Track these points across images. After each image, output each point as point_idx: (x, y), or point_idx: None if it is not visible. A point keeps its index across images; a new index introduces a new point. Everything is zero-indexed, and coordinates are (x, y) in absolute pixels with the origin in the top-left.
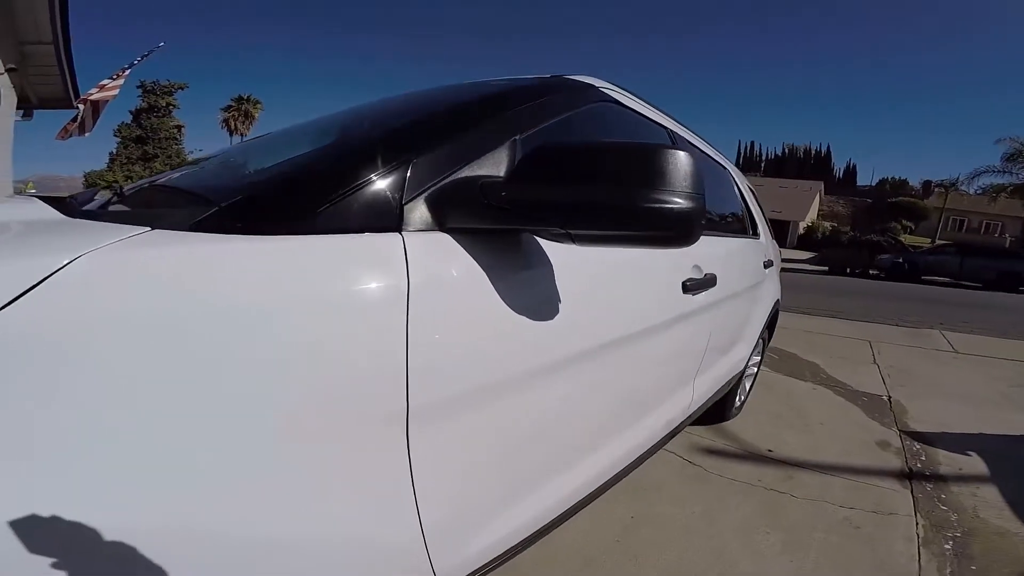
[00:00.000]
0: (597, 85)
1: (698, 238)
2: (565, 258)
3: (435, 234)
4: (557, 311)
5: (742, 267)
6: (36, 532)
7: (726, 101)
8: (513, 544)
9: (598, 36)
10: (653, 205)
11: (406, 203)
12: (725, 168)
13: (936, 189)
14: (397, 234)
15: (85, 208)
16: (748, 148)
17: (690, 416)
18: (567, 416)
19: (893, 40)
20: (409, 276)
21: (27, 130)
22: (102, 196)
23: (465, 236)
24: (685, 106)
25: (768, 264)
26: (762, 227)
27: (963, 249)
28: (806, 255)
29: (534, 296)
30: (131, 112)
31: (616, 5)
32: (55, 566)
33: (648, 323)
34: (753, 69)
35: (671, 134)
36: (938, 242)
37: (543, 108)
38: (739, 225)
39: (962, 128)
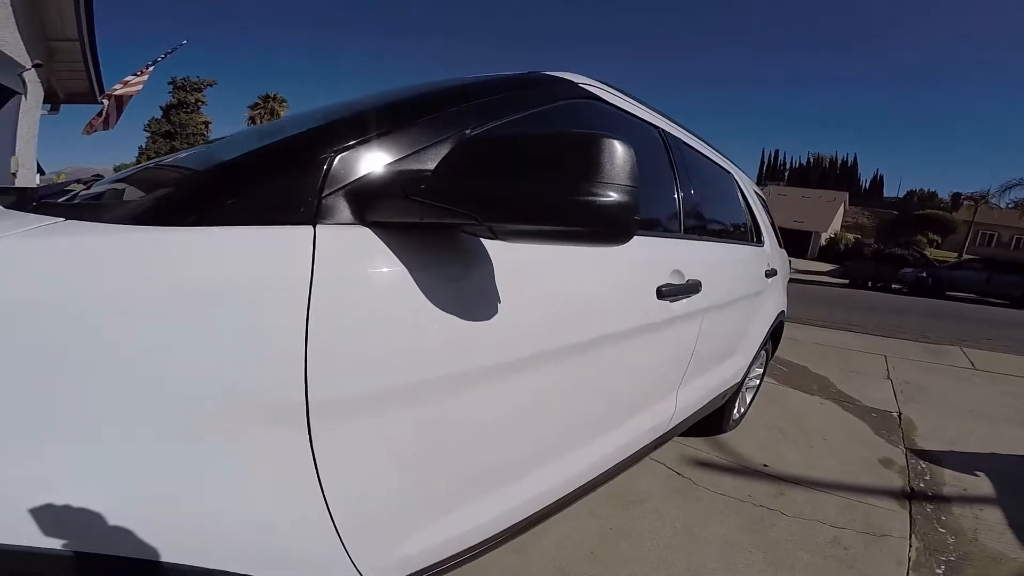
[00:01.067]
0: (575, 81)
1: (632, 236)
2: (513, 257)
3: (355, 228)
4: (496, 313)
5: (737, 275)
6: None
7: (750, 109)
8: (463, 549)
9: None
10: (578, 198)
11: (325, 196)
12: (728, 172)
13: (965, 202)
14: (308, 227)
15: (44, 200)
16: (772, 157)
17: (673, 428)
18: (515, 424)
19: (924, 50)
20: (314, 268)
21: (55, 124)
22: (74, 189)
23: (390, 231)
24: (707, 114)
25: (771, 273)
26: (768, 235)
27: (991, 264)
28: (827, 267)
29: (470, 296)
30: (161, 108)
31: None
32: None
33: (610, 329)
34: (779, 77)
35: (663, 134)
36: (965, 257)
37: (503, 103)
38: (738, 231)
39: (994, 140)
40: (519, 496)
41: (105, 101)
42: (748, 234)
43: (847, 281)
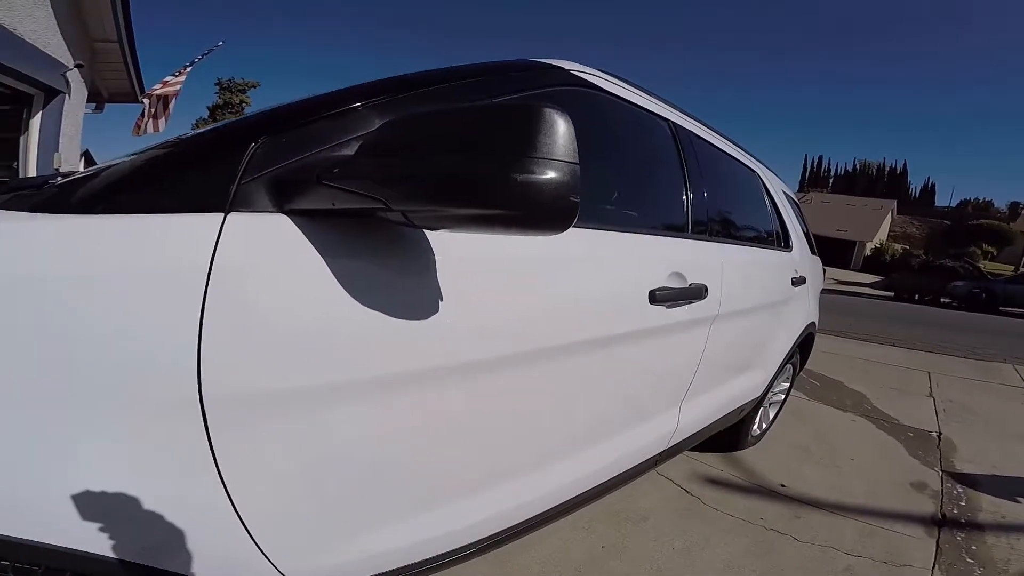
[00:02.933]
0: (567, 67)
1: (571, 221)
2: (465, 252)
3: (274, 216)
4: (435, 312)
5: (757, 281)
6: None
7: (791, 113)
8: (415, 561)
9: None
10: (500, 176)
11: (243, 184)
12: (752, 171)
13: None
14: (218, 214)
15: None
16: (815, 163)
17: (675, 446)
18: (470, 435)
19: (981, 51)
20: (215, 257)
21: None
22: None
23: (314, 222)
24: (745, 118)
25: (799, 281)
26: (797, 240)
27: None
28: (871, 278)
29: (405, 294)
30: (208, 108)
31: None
32: None
33: (586, 335)
34: (823, 79)
35: (673, 127)
36: (1022, 270)
37: (466, 90)
38: (761, 234)
39: None
40: (479, 512)
41: (145, 101)
42: (773, 238)
43: (892, 294)
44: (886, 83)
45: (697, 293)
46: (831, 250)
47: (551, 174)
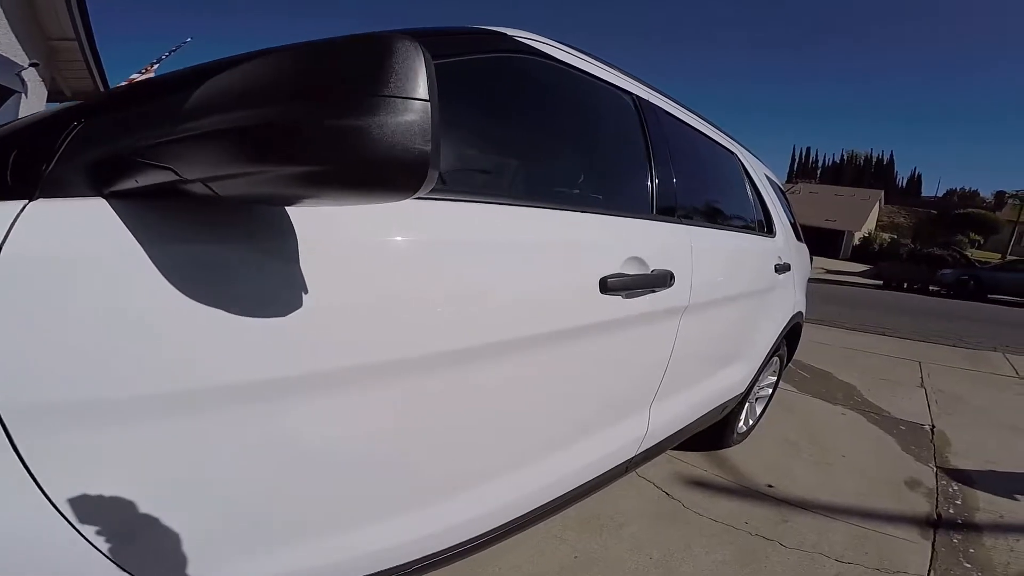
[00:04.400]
0: (509, 33)
1: (419, 180)
2: (348, 235)
3: (88, 201)
4: (298, 307)
5: (734, 268)
6: None
7: (779, 104)
8: None
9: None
10: (315, 122)
11: (56, 167)
12: (731, 153)
13: (1010, 201)
14: (18, 202)
15: None
16: (803, 154)
17: (648, 451)
18: (365, 447)
19: (966, 43)
20: (3, 246)
21: None
22: None
23: (141, 204)
24: (734, 110)
25: (783, 268)
26: (781, 226)
27: None
28: (860, 267)
29: (262, 288)
30: None
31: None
32: None
33: (517, 333)
34: (811, 71)
35: (638, 102)
36: (1009, 258)
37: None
38: (740, 219)
39: None
40: (407, 532)
41: None
42: (754, 223)
43: (881, 282)
44: (874, 74)
45: (660, 280)
46: (820, 240)
47: (392, 115)
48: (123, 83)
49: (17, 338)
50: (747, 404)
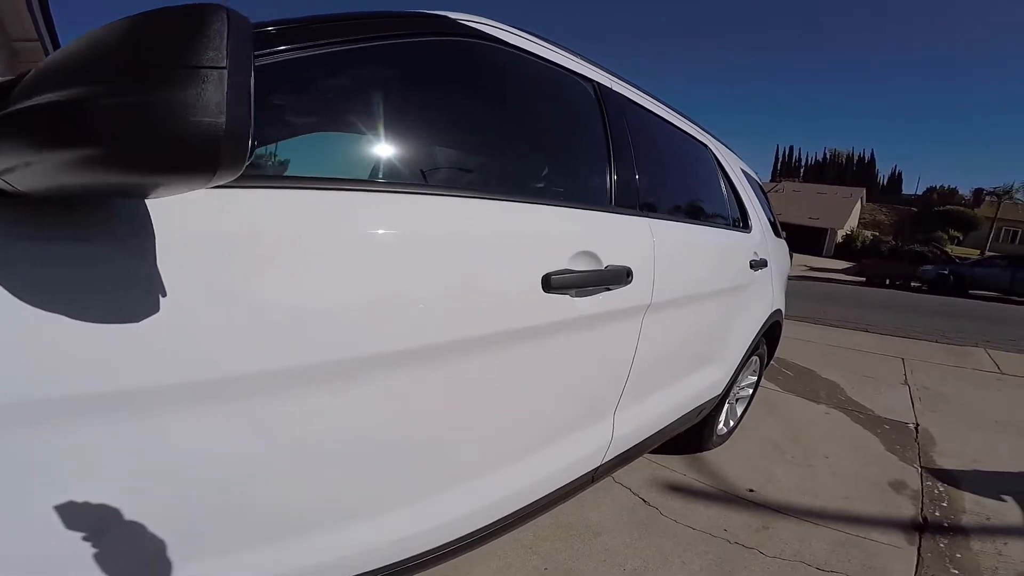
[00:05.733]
0: (452, 16)
1: (216, 160)
2: (224, 231)
3: None
4: (154, 312)
5: (704, 264)
6: None
7: (763, 104)
8: None
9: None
10: (98, 101)
11: None
12: (703, 145)
13: (988, 198)
14: None
15: None
16: (786, 153)
17: (615, 460)
18: (249, 466)
19: (943, 43)
20: None
21: None
22: None
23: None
24: (716, 109)
25: (759, 264)
26: (758, 221)
27: (1015, 261)
28: (843, 264)
29: (116, 288)
30: None
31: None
32: None
33: (444, 337)
34: (793, 71)
35: (599, 89)
36: (988, 254)
37: None
38: (712, 213)
39: (1018, 135)
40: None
41: None
42: (728, 217)
43: (864, 279)
44: (856, 73)
45: (616, 277)
46: (803, 237)
47: (167, 89)
48: None
49: None
50: (727, 405)
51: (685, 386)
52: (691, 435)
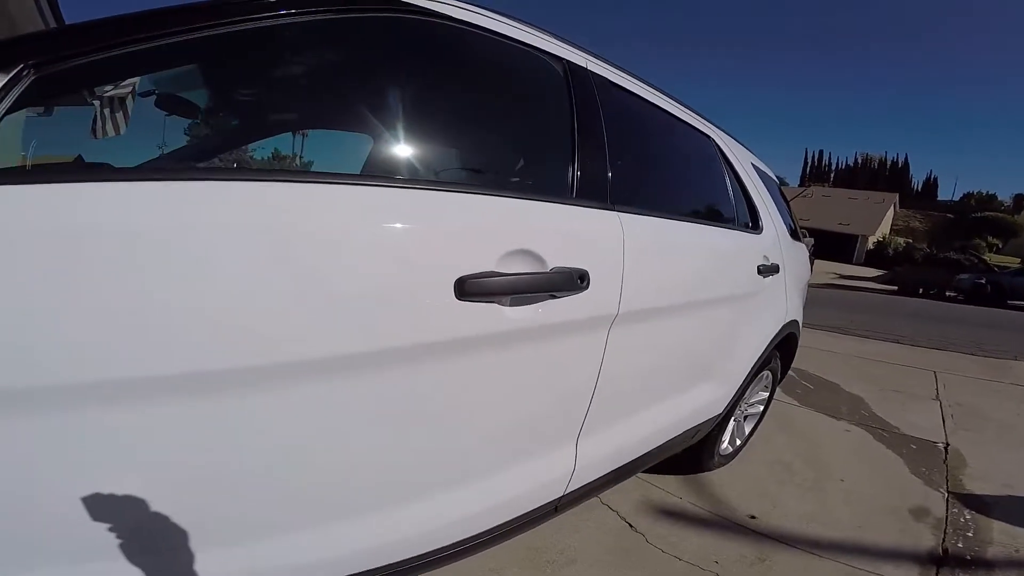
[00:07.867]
0: None
1: None
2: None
3: None
4: None
5: (695, 268)
6: None
7: (791, 107)
8: None
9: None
10: None
11: None
12: (705, 135)
13: None
14: None
15: None
16: (816, 157)
17: (579, 491)
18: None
19: (982, 44)
20: None
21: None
22: None
23: None
24: (744, 113)
25: (769, 270)
26: (770, 221)
27: None
28: (874, 272)
29: None
30: None
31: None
32: None
33: (318, 352)
34: (824, 73)
35: (569, 68)
36: None
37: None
38: (711, 210)
39: None
40: None
41: (96, 102)
42: (732, 216)
43: (896, 288)
44: (887, 77)
45: (564, 282)
46: (832, 244)
47: None
48: (108, 85)
49: None
50: (732, 424)
51: (675, 406)
52: (689, 454)
